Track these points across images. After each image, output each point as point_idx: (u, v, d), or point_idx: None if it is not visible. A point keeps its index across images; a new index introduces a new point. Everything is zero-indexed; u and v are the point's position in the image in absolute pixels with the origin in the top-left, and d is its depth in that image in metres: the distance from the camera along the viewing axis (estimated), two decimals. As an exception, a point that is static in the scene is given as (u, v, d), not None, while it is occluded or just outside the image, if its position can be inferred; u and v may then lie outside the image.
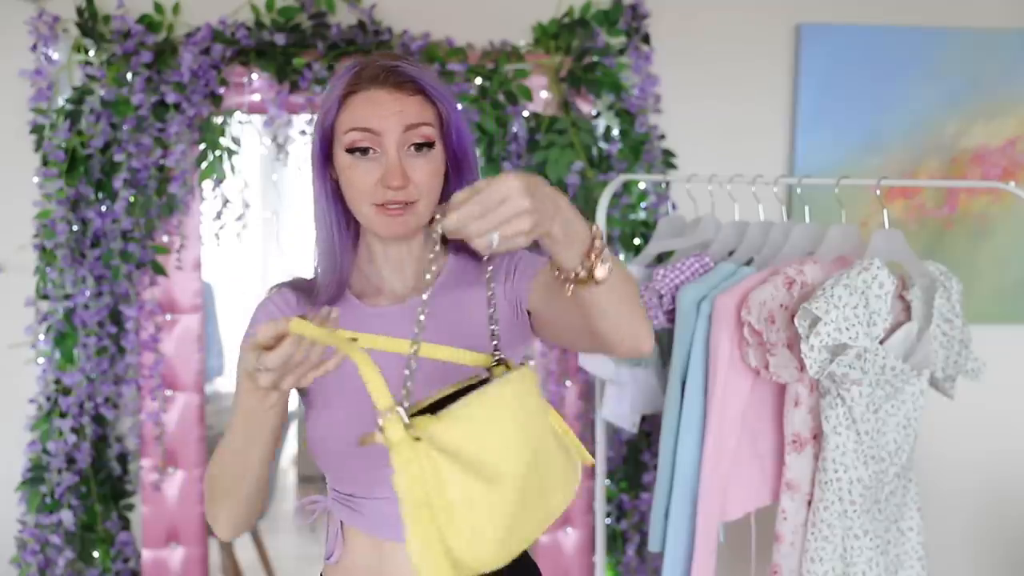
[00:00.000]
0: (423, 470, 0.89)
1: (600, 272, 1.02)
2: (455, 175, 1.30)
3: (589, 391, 2.44)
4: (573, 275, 1.02)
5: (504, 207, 0.90)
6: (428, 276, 0.99)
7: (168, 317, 2.38)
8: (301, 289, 1.35)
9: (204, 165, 2.36)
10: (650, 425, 2.44)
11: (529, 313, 1.24)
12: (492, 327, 1.13)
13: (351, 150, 1.23)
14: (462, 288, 1.33)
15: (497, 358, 1.12)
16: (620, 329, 1.11)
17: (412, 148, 1.24)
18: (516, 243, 0.92)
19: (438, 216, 0.91)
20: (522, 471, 0.96)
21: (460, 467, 0.90)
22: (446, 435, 0.90)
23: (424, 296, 0.96)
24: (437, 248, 0.95)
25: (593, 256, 1.01)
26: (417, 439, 0.88)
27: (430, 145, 1.24)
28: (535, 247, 1.11)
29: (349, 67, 1.27)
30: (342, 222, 1.30)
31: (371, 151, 1.23)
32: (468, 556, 0.90)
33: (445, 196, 1.29)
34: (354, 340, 0.98)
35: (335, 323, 1.02)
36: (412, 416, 0.91)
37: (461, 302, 1.31)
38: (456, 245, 1.35)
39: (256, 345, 1.00)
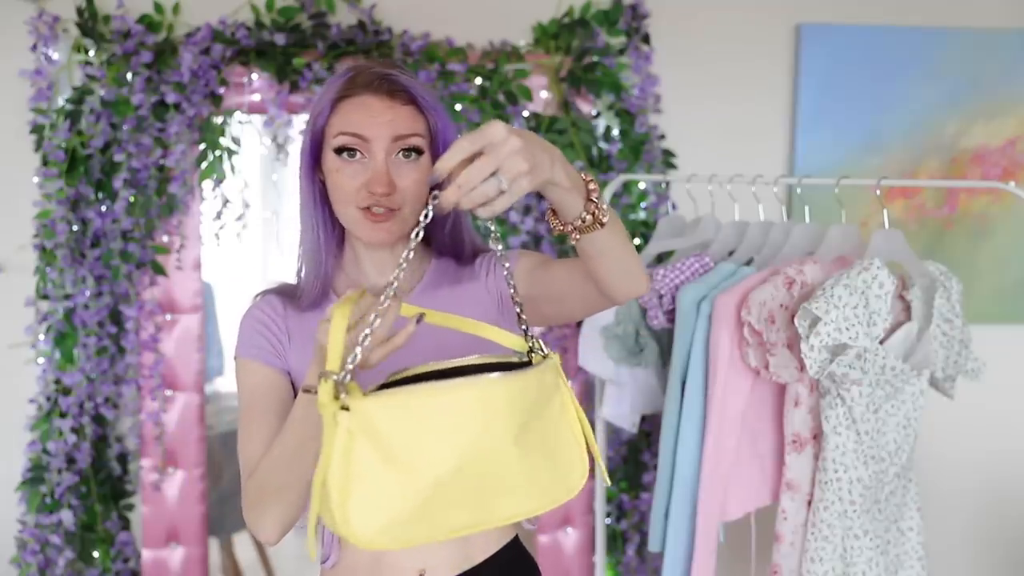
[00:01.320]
0: (337, 436, 0.90)
1: (604, 216, 1.05)
2: (443, 185, 1.29)
3: (589, 391, 2.44)
4: (580, 221, 1.05)
5: (496, 149, 0.92)
6: (413, 236, 0.99)
7: (168, 317, 2.38)
8: (286, 294, 1.35)
9: (204, 165, 2.36)
10: (650, 425, 2.44)
11: (519, 305, 1.24)
12: (517, 307, 1.11)
13: (339, 150, 1.24)
14: (449, 287, 1.35)
15: (530, 345, 1.11)
16: (622, 268, 1.15)
17: (400, 154, 1.24)
18: (520, 186, 0.93)
19: (431, 175, 0.94)
20: (448, 469, 0.94)
21: (373, 447, 0.91)
22: (374, 413, 0.91)
23: (409, 250, 0.97)
24: (425, 218, 0.96)
25: (594, 199, 1.05)
26: (344, 408, 0.90)
27: (419, 152, 1.25)
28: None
29: (343, 72, 1.27)
30: (328, 225, 1.31)
31: (359, 154, 1.24)
32: (346, 527, 0.91)
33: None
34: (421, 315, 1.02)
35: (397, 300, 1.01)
36: (383, 385, 0.96)
37: (450, 301, 1.32)
38: (439, 248, 1.37)
39: (339, 325, 0.97)
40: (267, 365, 1.30)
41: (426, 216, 0.97)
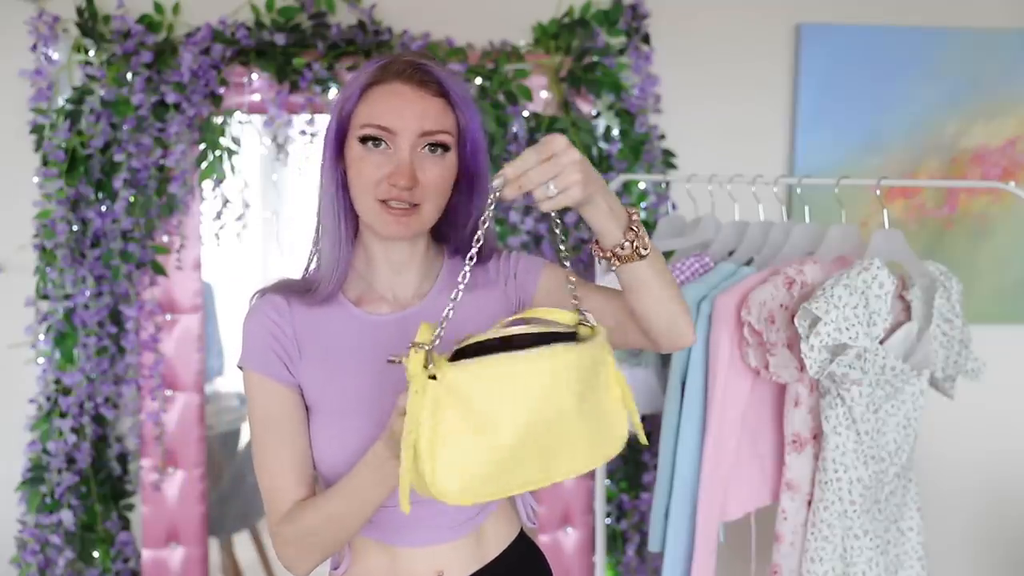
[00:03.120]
0: (425, 400, 0.98)
1: (642, 249, 1.10)
2: (466, 186, 1.27)
3: (589, 391, 2.44)
4: (619, 248, 1.10)
5: (558, 158, 1.01)
6: (475, 244, 1.05)
7: (168, 317, 2.38)
8: (290, 290, 1.30)
9: (204, 165, 2.36)
10: (650, 425, 2.43)
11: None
12: (570, 285, 1.16)
13: (364, 139, 1.21)
14: (465, 291, 1.32)
15: (580, 319, 1.14)
16: (664, 309, 1.18)
17: (426, 148, 1.22)
18: (571, 195, 1.02)
19: (496, 180, 1.01)
20: (521, 432, 1.01)
21: (457, 412, 0.99)
22: (460, 382, 0.99)
23: (467, 267, 1.05)
24: (491, 208, 1.03)
25: (635, 229, 1.10)
26: (432, 377, 0.98)
27: (445, 148, 1.23)
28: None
29: (375, 59, 1.25)
30: (348, 216, 1.27)
31: (383, 144, 1.21)
32: (434, 482, 0.99)
33: (452, 207, 1.28)
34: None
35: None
36: (456, 354, 1.05)
37: (466, 305, 1.29)
38: (452, 249, 1.35)
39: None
40: (279, 382, 1.26)
41: (484, 222, 1.05)
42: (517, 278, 1.35)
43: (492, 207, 1.03)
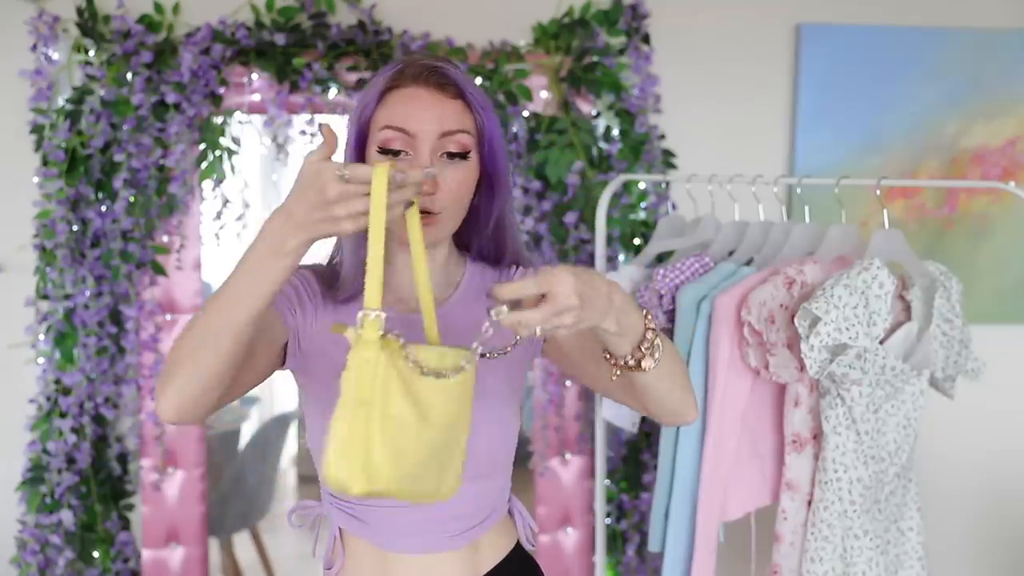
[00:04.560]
0: (377, 377, 0.92)
1: (647, 363, 1.11)
2: (487, 189, 1.27)
3: (589, 391, 2.44)
4: (622, 362, 1.11)
5: (555, 300, 0.98)
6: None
7: (168, 317, 2.38)
8: (321, 275, 1.29)
9: (204, 165, 2.36)
10: (650, 425, 2.44)
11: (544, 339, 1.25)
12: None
13: (383, 150, 1.20)
14: (482, 293, 1.31)
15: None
16: (663, 407, 1.21)
17: (445, 156, 1.21)
18: (556, 333, 1.01)
19: (492, 310, 0.97)
20: (443, 436, 0.98)
21: (408, 393, 0.94)
22: (416, 359, 0.95)
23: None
24: (488, 327, 1.00)
25: (644, 348, 1.10)
26: (384, 339, 0.93)
27: (464, 155, 1.21)
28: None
29: (391, 64, 1.24)
30: None
31: (403, 153, 1.19)
32: (381, 471, 0.93)
33: (474, 210, 1.27)
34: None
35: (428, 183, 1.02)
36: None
37: (481, 307, 1.29)
38: (480, 252, 1.34)
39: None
40: (283, 320, 1.22)
41: (487, 330, 1.00)
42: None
43: (488, 332, 0.99)
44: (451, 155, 1.21)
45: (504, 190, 1.28)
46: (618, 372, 1.13)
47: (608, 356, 1.13)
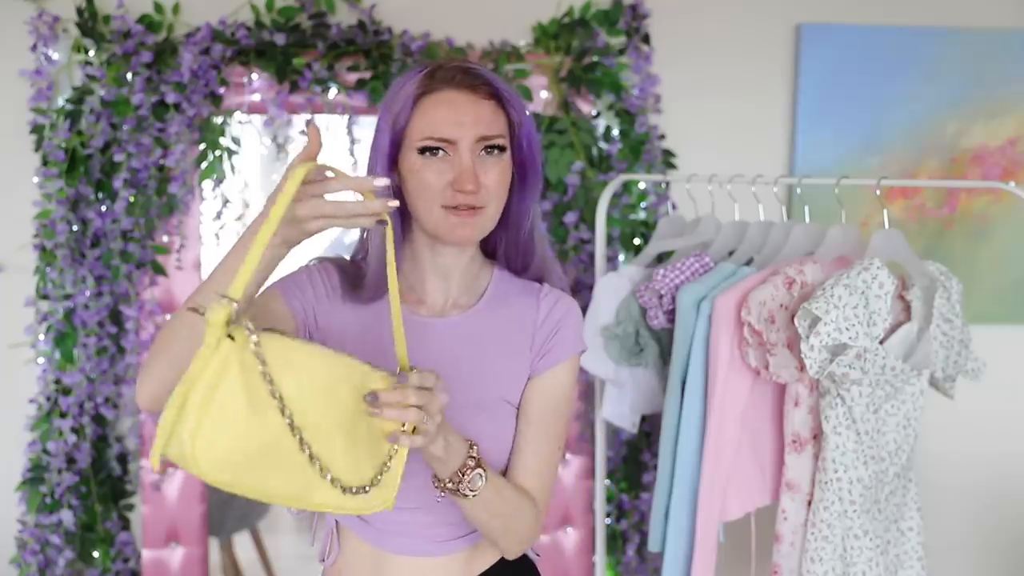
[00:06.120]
0: (206, 361, 0.92)
1: (469, 489, 1.16)
2: (520, 183, 1.28)
3: (589, 391, 2.44)
4: (444, 484, 1.17)
5: (434, 397, 1.04)
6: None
7: (168, 317, 2.38)
8: (345, 271, 1.30)
9: (204, 165, 2.36)
10: (650, 425, 2.44)
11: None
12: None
13: (422, 150, 1.21)
14: (506, 306, 1.32)
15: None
16: (488, 535, 1.26)
17: (483, 151, 1.22)
18: (417, 441, 1.06)
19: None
20: (288, 433, 0.97)
21: (242, 382, 0.93)
22: (264, 351, 0.94)
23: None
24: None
25: (463, 472, 1.16)
26: (230, 336, 0.92)
27: (501, 149, 1.24)
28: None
29: (417, 69, 1.24)
30: (399, 223, 1.27)
31: (441, 151, 1.21)
32: (189, 450, 0.92)
33: (510, 204, 1.28)
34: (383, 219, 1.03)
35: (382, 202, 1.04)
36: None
37: (504, 324, 1.30)
38: (505, 255, 1.33)
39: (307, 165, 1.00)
40: (285, 298, 1.25)
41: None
42: (539, 362, 1.31)
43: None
44: (488, 150, 1.22)
45: (537, 187, 1.29)
46: (440, 495, 1.18)
47: (434, 478, 1.17)
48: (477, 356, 1.28)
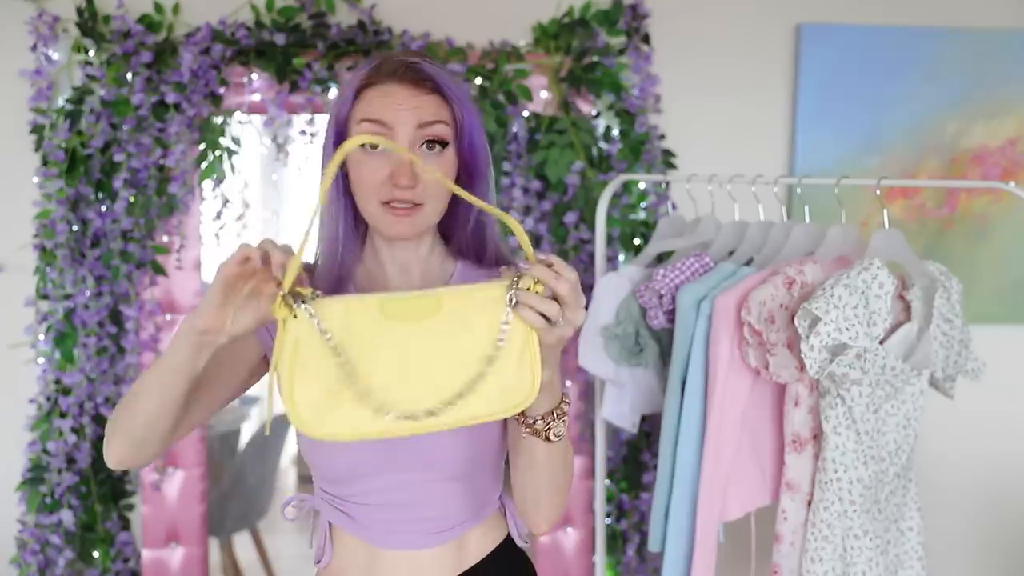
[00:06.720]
0: (288, 335, 1.04)
1: (555, 435, 1.17)
2: (467, 181, 1.26)
3: (589, 391, 2.44)
4: (532, 421, 1.16)
5: (574, 289, 1.05)
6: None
7: (168, 317, 2.38)
8: (308, 271, 1.29)
9: (204, 165, 2.36)
10: (650, 425, 2.44)
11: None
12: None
13: (362, 144, 1.19)
14: None
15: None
16: (532, 491, 1.24)
17: (424, 147, 1.20)
18: (567, 332, 1.07)
19: (511, 279, 1.06)
20: (383, 368, 1.06)
21: (308, 345, 1.05)
22: (320, 312, 1.05)
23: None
24: (509, 314, 1.06)
25: (556, 415, 1.16)
26: (295, 316, 1.04)
27: (443, 144, 1.21)
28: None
29: (367, 62, 1.24)
30: (350, 218, 1.26)
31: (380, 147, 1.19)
32: (293, 410, 1.05)
33: (454, 203, 1.27)
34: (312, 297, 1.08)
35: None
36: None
37: None
38: (460, 248, 1.33)
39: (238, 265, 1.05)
40: (255, 334, 1.26)
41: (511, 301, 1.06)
42: None
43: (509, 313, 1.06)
44: (430, 145, 1.21)
45: (482, 183, 1.27)
46: (526, 433, 1.17)
47: (523, 417, 1.16)
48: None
